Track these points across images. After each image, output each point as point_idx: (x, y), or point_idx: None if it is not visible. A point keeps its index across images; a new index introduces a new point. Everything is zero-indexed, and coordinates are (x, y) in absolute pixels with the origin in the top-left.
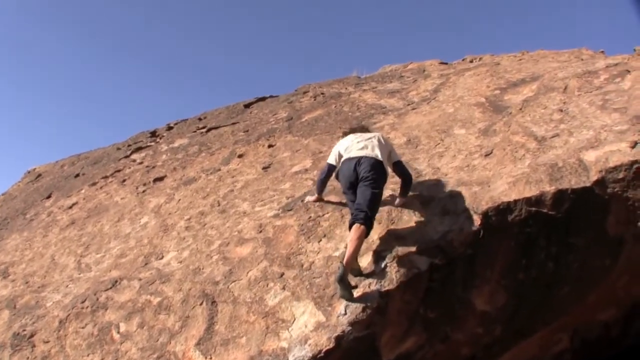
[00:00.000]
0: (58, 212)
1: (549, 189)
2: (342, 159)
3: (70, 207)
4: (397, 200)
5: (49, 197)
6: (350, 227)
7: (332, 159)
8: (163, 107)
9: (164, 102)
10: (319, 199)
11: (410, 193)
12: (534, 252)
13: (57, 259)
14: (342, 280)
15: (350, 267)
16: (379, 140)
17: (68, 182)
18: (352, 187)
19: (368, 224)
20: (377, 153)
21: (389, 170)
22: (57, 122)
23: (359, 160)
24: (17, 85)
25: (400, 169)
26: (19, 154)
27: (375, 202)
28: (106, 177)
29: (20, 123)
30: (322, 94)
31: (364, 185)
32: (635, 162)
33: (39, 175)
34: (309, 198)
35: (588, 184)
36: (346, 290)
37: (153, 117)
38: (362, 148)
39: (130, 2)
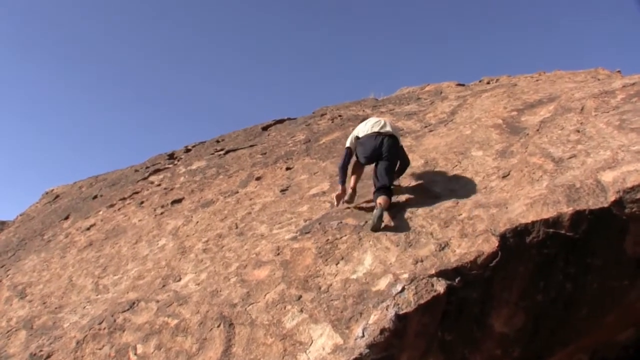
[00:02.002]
0: (76, 233)
1: (567, 210)
2: (362, 136)
3: (88, 229)
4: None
5: (66, 218)
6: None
7: (349, 142)
8: (180, 130)
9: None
10: (345, 191)
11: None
12: (552, 274)
13: (75, 280)
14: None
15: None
16: (391, 123)
17: (86, 203)
18: (373, 159)
19: (389, 194)
20: (391, 130)
21: None
22: (75, 143)
23: (379, 137)
24: (36, 107)
25: (401, 153)
26: (37, 175)
27: (392, 172)
28: (124, 198)
29: (38, 145)
30: (340, 116)
31: (384, 161)
32: None
33: (57, 196)
34: (334, 194)
35: (606, 205)
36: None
37: (171, 140)
38: (376, 124)
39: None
